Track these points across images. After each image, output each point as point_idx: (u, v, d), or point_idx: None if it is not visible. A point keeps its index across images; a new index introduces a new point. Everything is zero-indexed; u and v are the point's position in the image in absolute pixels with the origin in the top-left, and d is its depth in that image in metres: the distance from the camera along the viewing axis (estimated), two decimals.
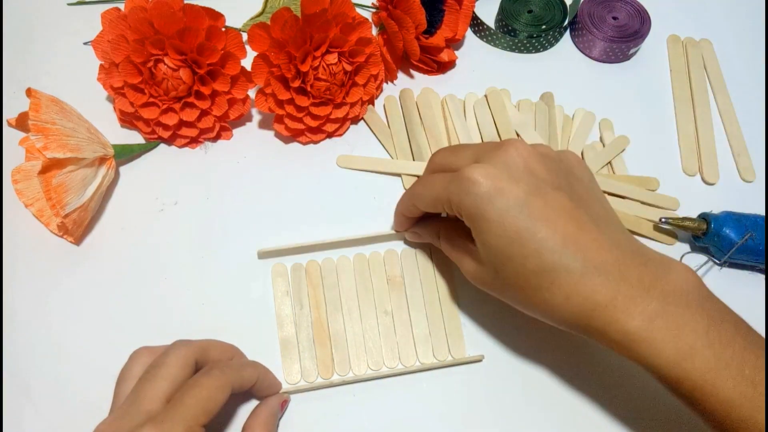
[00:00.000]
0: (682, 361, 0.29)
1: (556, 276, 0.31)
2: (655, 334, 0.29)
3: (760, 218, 0.43)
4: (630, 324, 0.30)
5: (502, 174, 0.31)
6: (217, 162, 0.47)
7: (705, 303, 0.31)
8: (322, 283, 0.42)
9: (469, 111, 0.50)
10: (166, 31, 0.41)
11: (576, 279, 0.30)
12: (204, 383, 0.31)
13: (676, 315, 0.30)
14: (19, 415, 0.37)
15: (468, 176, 0.32)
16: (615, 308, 0.30)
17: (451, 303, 0.42)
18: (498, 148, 0.33)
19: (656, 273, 0.31)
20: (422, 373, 0.39)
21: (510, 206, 0.31)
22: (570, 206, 0.32)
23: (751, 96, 0.54)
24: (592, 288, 0.30)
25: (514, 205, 0.31)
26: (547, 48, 0.56)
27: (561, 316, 0.32)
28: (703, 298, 0.31)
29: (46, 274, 0.41)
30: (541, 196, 0.31)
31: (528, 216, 0.31)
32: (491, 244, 0.32)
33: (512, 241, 0.31)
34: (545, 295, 0.31)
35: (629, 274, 0.30)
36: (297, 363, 0.39)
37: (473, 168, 0.32)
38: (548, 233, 0.30)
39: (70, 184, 0.39)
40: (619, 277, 0.30)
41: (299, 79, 0.43)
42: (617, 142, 0.49)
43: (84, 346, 0.39)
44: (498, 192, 0.31)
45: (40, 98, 0.38)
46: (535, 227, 0.31)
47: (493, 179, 0.31)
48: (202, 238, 0.43)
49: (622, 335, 0.30)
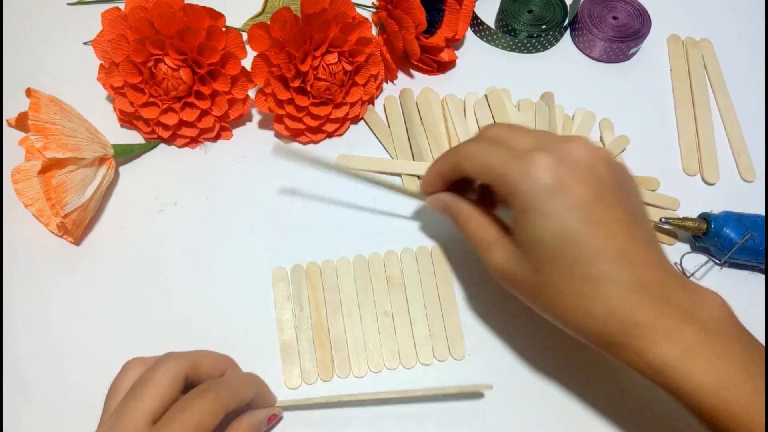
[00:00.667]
0: (721, 390, 0.28)
1: (602, 286, 0.30)
2: (695, 361, 0.29)
3: (761, 218, 0.43)
4: (669, 348, 0.29)
5: (569, 171, 0.30)
6: (217, 162, 0.47)
7: (741, 333, 0.30)
8: (322, 285, 0.42)
9: (469, 111, 0.50)
10: (166, 30, 0.41)
11: (623, 293, 0.30)
12: (195, 407, 0.29)
13: (716, 344, 0.29)
14: (19, 415, 0.37)
15: (536, 161, 0.30)
16: (655, 330, 0.29)
17: (451, 303, 0.42)
18: (566, 142, 0.32)
19: (695, 299, 0.30)
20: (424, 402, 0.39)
21: (572, 206, 0.30)
22: (627, 219, 0.31)
23: (751, 96, 0.54)
24: (638, 306, 0.29)
25: (577, 206, 0.30)
26: (547, 48, 0.56)
27: (596, 328, 0.31)
28: (737, 328, 0.30)
29: (46, 274, 0.41)
30: (603, 203, 0.30)
31: (588, 220, 0.30)
32: (541, 238, 0.30)
33: (566, 241, 0.30)
34: (587, 304, 0.30)
35: (672, 297, 0.30)
36: (297, 368, 0.39)
37: (542, 155, 0.31)
38: (604, 242, 0.30)
39: (70, 184, 0.39)
40: (663, 299, 0.30)
41: (299, 79, 0.43)
42: (617, 142, 0.49)
43: (84, 346, 0.39)
44: (563, 188, 0.30)
45: (40, 98, 0.38)
46: (592, 233, 0.30)
47: (561, 174, 0.30)
48: (202, 239, 0.43)
49: (659, 359, 0.29)
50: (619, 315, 0.30)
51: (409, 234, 0.44)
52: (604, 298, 0.30)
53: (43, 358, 0.38)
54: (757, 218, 0.43)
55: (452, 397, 0.39)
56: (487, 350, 0.40)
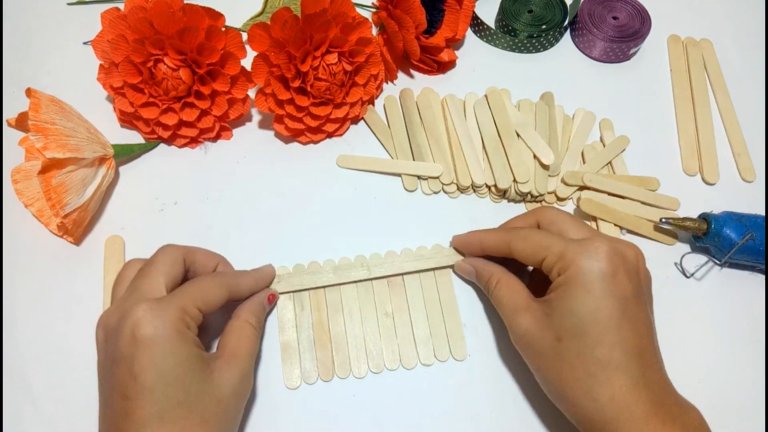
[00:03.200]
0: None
1: (614, 372, 0.32)
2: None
3: (761, 218, 0.43)
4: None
5: (621, 263, 0.34)
6: (217, 162, 0.47)
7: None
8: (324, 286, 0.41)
9: (469, 111, 0.50)
10: (166, 31, 0.41)
11: (630, 384, 0.32)
12: (205, 281, 0.34)
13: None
14: (19, 415, 0.37)
15: (596, 245, 0.34)
16: (647, 425, 0.31)
17: (452, 303, 0.42)
18: (618, 241, 0.35)
19: (681, 407, 0.32)
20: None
21: (615, 294, 0.33)
22: (649, 322, 0.34)
23: (751, 96, 0.54)
24: (638, 399, 0.31)
25: (619, 296, 0.33)
26: (548, 48, 0.56)
27: (593, 413, 0.32)
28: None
29: (46, 274, 0.41)
30: (638, 302, 0.33)
31: (623, 312, 0.33)
32: (575, 311, 0.33)
33: (597, 322, 0.32)
34: (594, 386, 0.32)
35: (666, 401, 0.32)
36: (297, 368, 0.39)
37: (602, 242, 0.34)
38: (629, 335, 0.32)
39: (70, 184, 0.39)
40: (659, 400, 0.32)
41: (299, 79, 0.43)
42: (617, 142, 0.49)
43: (84, 346, 0.39)
44: (613, 277, 0.33)
45: (40, 98, 0.38)
46: (623, 324, 0.32)
47: (615, 263, 0.33)
48: (202, 238, 0.43)
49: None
50: (619, 404, 0.31)
51: (410, 234, 0.44)
52: (612, 385, 0.32)
53: (43, 358, 0.38)
54: (757, 218, 0.43)
55: (452, 397, 0.39)
56: (488, 350, 0.40)
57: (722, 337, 0.42)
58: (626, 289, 0.33)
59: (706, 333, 0.42)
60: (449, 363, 0.40)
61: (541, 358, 0.35)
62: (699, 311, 0.43)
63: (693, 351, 0.41)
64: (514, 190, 0.46)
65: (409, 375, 0.39)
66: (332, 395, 0.38)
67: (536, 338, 0.34)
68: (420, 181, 0.47)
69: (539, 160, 0.46)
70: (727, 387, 0.40)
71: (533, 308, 0.35)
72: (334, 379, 0.39)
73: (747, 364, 0.41)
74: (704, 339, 0.42)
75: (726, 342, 0.42)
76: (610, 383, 0.32)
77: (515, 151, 0.46)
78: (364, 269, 0.42)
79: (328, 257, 0.43)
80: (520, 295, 0.37)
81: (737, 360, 0.41)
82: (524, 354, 0.36)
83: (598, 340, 0.32)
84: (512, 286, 0.37)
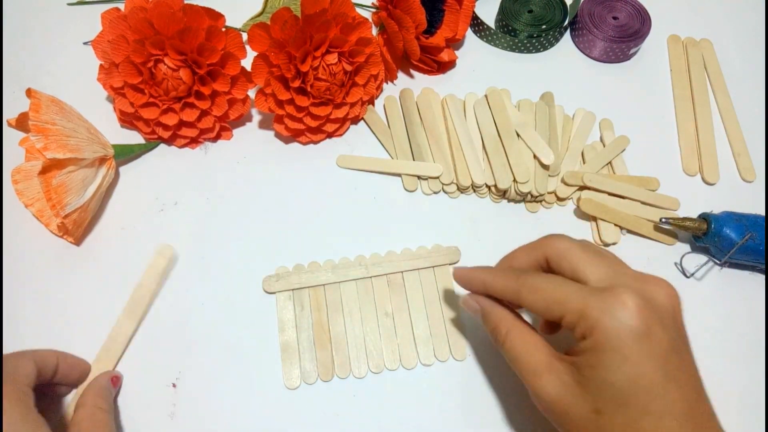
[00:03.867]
0: None
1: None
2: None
3: (761, 218, 0.43)
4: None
5: (654, 315, 0.29)
6: (217, 162, 0.47)
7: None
8: (324, 285, 0.41)
9: (469, 111, 0.50)
10: (166, 31, 0.41)
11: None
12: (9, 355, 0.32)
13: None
14: None
15: (622, 300, 0.29)
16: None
17: (452, 303, 0.42)
18: (647, 282, 0.30)
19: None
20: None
21: (654, 355, 0.28)
22: (694, 371, 0.30)
23: (751, 96, 0.54)
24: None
25: (658, 356, 0.28)
26: (548, 48, 0.56)
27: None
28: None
29: (46, 274, 0.41)
30: (679, 353, 0.29)
31: (666, 373, 0.28)
32: (614, 382, 0.28)
33: (640, 390, 0.28)
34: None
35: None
36: (297, 368, 0.39)
37: (628, 294, 0.29)
38: (677, 396, 0.28)
39: (70, 184, 0.39)
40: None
41: (299, 79, 0.43)
42: (618, 142, 0.49)
43: (84, 346, 0.39)
44: (648, 334, 0.28)
45: (40, 98, 0.38)
46: (668, 387, 0.28)
47: (647, 318, 0.28)
48: (202, 238, 0.43)
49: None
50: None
51: (410, 234, 0.44)
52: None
53: None
54: (757, 218, 0.43)
55: (452, 397, 0.39)
56: (488, 350, 0.40)
57: (722, 337, 0.42)
58: (665, 345, 0.28)
59: (706, 333, 0.42)
60: (449, 363, 0.40)
61: (577, 430, 0.30)
62: (699, 311, 0.43)
63: (693, 351, 0.41)
64: (514, 190, 0.46)
65: (409, 375, 0.39)
66: (332, 395, 0.38)
67: (569, 409, 0.30)
68: (420, 181, 0.47)
69: (539, 160, 0.46)
70: (727, 387, 0.40)
71: (558, 370, 0.31)
72: (333, 379, 0.39)
73: (747, 364, 0.41)
74: (704, 339, 0.42)
75: (726, 342, 0.42)
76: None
77: (515, 151, 0.46)
78: (363, 269, 0.42)
79: (328, 257, 0.43)
80: (539, 351, 0.32)
81: (737, 360, 0.41)
82: (553, 421, 0.32)
83: (644, 411, 0.28)
84: (526, 338, 0.32)
